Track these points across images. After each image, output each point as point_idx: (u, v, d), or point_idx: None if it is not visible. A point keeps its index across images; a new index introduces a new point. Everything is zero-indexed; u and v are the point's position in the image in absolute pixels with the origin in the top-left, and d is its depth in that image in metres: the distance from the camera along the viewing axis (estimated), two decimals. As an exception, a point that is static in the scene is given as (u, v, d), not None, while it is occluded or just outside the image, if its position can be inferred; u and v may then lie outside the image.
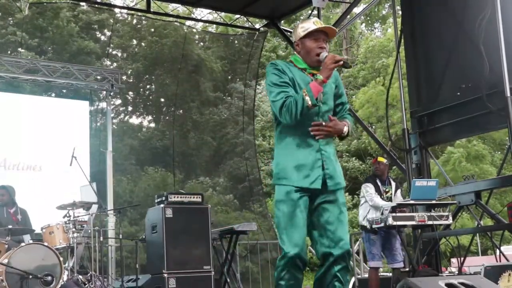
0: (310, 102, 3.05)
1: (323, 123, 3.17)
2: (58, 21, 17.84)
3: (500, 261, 7.05)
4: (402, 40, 8.53)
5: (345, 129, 3.23)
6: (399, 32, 8.54)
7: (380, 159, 6.96)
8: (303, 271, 3.18)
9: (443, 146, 18.52)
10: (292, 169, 3.16)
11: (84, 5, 16.34)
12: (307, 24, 3.28)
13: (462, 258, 7.13)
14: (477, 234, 13.25)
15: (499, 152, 19.69)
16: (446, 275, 6.26)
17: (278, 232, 3.20)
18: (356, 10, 14.84)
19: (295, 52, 3.38)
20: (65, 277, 6.56)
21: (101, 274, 7.24)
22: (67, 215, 7.10)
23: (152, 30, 20.13)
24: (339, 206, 3.21)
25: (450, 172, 15.97)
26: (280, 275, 3.13)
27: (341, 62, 3.10)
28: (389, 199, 6.66)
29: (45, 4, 16.34)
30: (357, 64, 23.36)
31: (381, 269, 7.11)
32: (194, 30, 17.58)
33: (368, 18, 25.58)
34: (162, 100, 22.13)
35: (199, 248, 6.81)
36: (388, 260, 6.66)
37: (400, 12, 8.77)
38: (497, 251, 7.38)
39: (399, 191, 6.88)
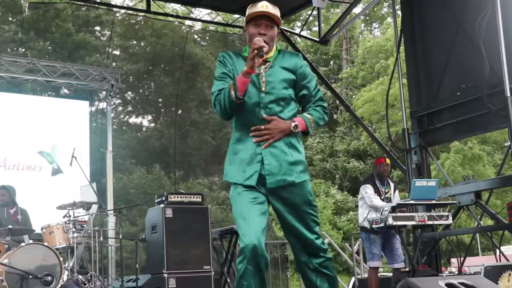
0: (234, 96, 2.84)
1: (262, 127, 2.90)
2: (59, 21, 17.85)
3: (500, 261, 7.05)
4: (402, 40, 8.53)
5: (292, 125, 2.91)
6: (399, 32, 8.54)
7: (387, 160, 6.96)
8: (264, 271, 2.84)
9: (438, 151, 18.41)
10: (231, 164, 2.99)
11: (84, 5, 16.31)
12: (250, 9, 2.99)
13: (462, 258, 7.13)
14: (477, 234, 13.23)
15: (499, 152, 19.63)
16: (446, 275, 6.26)
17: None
18: (356, 10, 14.85)
19: None
20: (65, 277, 6.56)
21: (101, 274, 7.24)
22: (67, 215, 7.09)
23: (151, 30, 20.14)
24: (299, 205, 2.94)
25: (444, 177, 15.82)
26: (240, 274, 2.81)
27: (256, 51, 2.79)
28: (389, 200, 6.67)
29: (46, 3, 16.35)
30: (355, 65, 23.34)
31: (381, 269, 7.11)
32: (194, 29, 17.57)
33: (368, 18, 25.57)
34: (161, 100, 22.15)
35: (199, 248, 6.80)
36: (388, 260, 6.66)
37: (400, 12, 8.77)
38: (497, 251, 7.38)
39: (397, 191, 6.90)
